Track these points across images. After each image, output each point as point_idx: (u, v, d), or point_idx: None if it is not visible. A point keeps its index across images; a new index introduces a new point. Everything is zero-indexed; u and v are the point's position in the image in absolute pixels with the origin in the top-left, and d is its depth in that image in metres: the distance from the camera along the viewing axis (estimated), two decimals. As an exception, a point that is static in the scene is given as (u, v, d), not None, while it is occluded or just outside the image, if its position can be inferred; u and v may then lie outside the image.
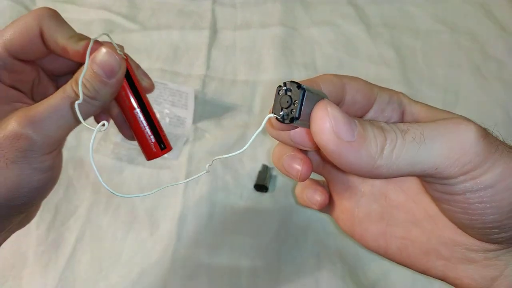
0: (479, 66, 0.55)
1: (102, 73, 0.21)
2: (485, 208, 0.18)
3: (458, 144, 0.17)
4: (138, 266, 0.37)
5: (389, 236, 0.23)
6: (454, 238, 0.21)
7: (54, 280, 0.36)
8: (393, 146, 0.16)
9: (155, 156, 0.26)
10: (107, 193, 0.42)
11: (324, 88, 0.20)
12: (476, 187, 0.17)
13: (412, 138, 0.17)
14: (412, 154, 0.16)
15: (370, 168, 0.16)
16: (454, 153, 0.17)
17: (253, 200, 0.42)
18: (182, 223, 0.40)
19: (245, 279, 0.36)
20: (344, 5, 0.63)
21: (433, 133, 0.17)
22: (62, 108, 0.21)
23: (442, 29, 0.60)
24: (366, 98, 0.21)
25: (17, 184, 0.21)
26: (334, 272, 0.36)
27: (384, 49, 0.57)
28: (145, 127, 0.26)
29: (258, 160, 0.45)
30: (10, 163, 0.21)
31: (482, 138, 0.17)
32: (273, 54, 0.55)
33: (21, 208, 0.23)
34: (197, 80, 0.53)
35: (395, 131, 0.17)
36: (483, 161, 0.17)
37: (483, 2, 0.63)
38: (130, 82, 0.25)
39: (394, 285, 0.36)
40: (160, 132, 0.27)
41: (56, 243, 0.38)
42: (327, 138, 0.16)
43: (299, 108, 0.16)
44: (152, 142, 0.26)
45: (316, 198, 0.23)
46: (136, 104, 0.26)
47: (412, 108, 0.21)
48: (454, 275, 0.21)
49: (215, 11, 0.62)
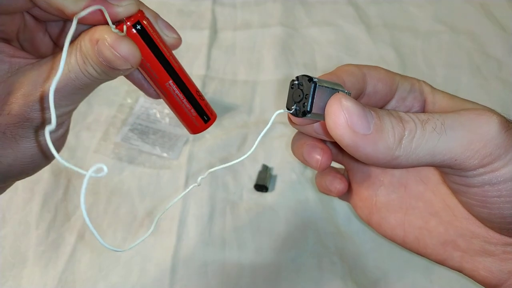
0: (479, 66, 0.55)
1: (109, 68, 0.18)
2: (504, 202, 0.17)
3: (479, 135, 0.16)
4: (138, 266, 0.37)
5: (407, 225, 0.23)
6: (472, 230, 0.21)
7: (54, 280, 0.36)
8: (412, 136, 0.16)
9: (200, 131, 0.23)
10: (107, 194, 0.42)
11: (348, 80, 0.19)
12: (495, 180, 0.17)
13: (433, 128, 0.16)
14: (432, 144, 0.16)
15: (389, 159, 0.16)
16: (475, 144, 0.16)
17: (253, 200, 0.42)
18: (182, 223, 0.40)
19: (245, 279, 0.36)
20: (344, 5, 0.63)
21: (455, 123, 0.17)
22: (67, 87, 0.18)
23: (442, 29, 0.60)
24: (388, 87, 0.21)
25: (30, 157, 0.20)
26: (334, 272, 0.36)
27: (384, 49, 0.57)
28: (183, 100, 0.22)
29: (258, 160, 0.45)
30: (21, 138, 0.20)
31: (504, 130, 0.17)
32: (273, 54, 0.55)
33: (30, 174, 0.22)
34: (197, 80, 0.53)
35: (415, 121, 0.17)
36: (504, 154, 0.16)
37: (483, 2, 0.63)
38: (154, 49, 0.20)
39: (394, 285, 0.36)
40: (200, 103, 0.22)
41: (56, 243, 0.38)
42: (342, 132, 0.16)
43: (310, 102, 0.16)
44: (193, 116, 0.22)
45: (335, 185, 0.23)
46: (167, 75, 0.21)
47: (435, 97, 0.21)
48: (471, 267, 0.21)
49: (215, 11, 0.62)
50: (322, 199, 0.42)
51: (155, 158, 0.45)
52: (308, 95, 0.16)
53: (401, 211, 0.23)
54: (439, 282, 0.36)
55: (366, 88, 0.20)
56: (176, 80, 0.21)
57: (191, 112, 0.22)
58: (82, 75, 0.18)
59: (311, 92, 0.16)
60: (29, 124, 0.19)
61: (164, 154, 0.45)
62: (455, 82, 0.53)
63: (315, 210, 0.41)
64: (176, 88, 0.21)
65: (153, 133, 0.47)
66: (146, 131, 0.47)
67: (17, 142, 0.20)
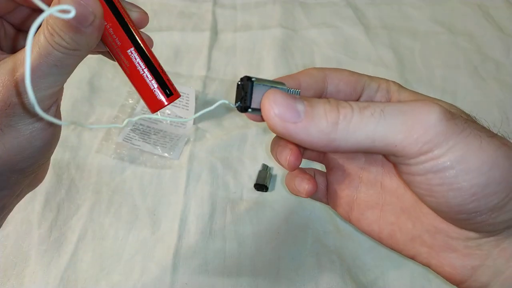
0: (477, 66, 0.56)
1: (75, 22, 0.17)
2: (448, 190, 0.18)
3: (419, 122, 0.17)
4: (139, 265, 0.38)
5: (382, 221, 0.24)
6: (436, 225, 0.21)
7: (56, 279, 0.36)
8: (349, 120, 0.17)
9: (160, 106, 0.22)
10: (109, 193, 0.43)
11: (303, 81, 0.21)
12: (436, 168, 0.17)
13: (371, 113, 0.17)
14: (370, 129, 0.17)
15: (326, 142, 0.17)
16: (415, 131, 0.17)
17: (253, 200, 0.42)
18: (183, 222, 0.40)
19: (246, 277, 0.37)
20: (343, 7, 0.64)
21: (396, 111, 0.17)
22: (43, 67, 0.18)
23: (440, 30, 0.60)
24: (350, 87, 0.22)
25: (18, 147, 0.20)
26: (333, 271, 0.36)
27: (383, 50, 0.58)
28: (144, 70, 0.21)
29: (258, 159, 0.45)
30: (5, 127, 0.20)
31: (445, 119, 0.17)
32: (272, 55, 0.56)
33: (27, 171, 0.22)
34: (198, 81, 0.53)
35: (353, 107, 0.17)
36: (444, 142, 0.17)
37: (480, 4, 0.64)
38: (117, 15, 0.20)
39: (392, 283, 0.37)
40: (163, 76, 0.22)
41: (58, 242, 0.39)
42: (273, 122, 0.17)
43: (249, 98, 0.18)
44: (155, 87, 0.21)
45: (303, 186, 0.24)
46: (128, 41, 0.21)
47: (400, 94, 0.22)
48: (437, 263, 0.22)
49: (216, 13, 0.62)
50: (322, 199, 0.42)
51: (156, 158, 0.45)
52: (247, 92, 0.19)
53: (378, 207, 0.24)
54: (437, 281, 0.36)
55: (328, 88, 0.22)
56: (138, 48, 0.21)
57: (152, 83, 0.21)
58: (52, 49, 0.18)
59: (249, 90, 0.19)
60: (11, 112, 0.19)
61: (165, 154, 0.45)
62: (453, 83, 0.54)
63: (314, 209, 0.41)
64: (137, 56, 0.21)
65: (155, 133, 0.47)
66: (148, 131, 0.47)
67: (3, 132, 0.20)
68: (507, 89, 0.53)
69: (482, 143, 0.17)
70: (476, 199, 0.17)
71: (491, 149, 0.17)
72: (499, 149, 0.17)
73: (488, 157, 0.17)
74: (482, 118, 0.22)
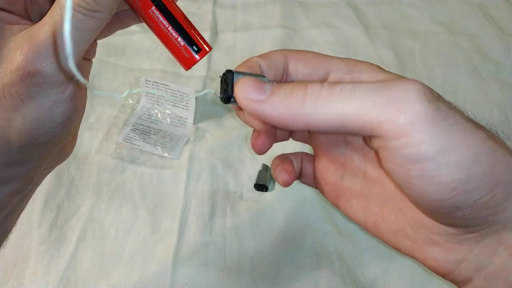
0: (477, 66, 0.56)
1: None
2: (427, 185, 0.17)
3: (395, 99, 0.16)
4: (139, 265, 0.38)
5: (366, 211, 0.23)
6: (417, 218, 0.20)
7: (56, 279, 0.37)
8: (317, 95, 0.17)
9: (191, 63, 0.21)
10: (109, 193, 0.43)
11: (262, 64, 0.22)
12: (416, 158, 0.16)
13: (340, 89, 0.17)
14: (339, 106, 0.16)
15: (293, 117, 0.17)
16: (390, 108, 0.16)
17: (253, 200, 0.42)
18: (183, 222, 0.40)
19: (245, 277, 0.37)
20: (343, 7, 0.64)
21: (368, 87, 0.16)
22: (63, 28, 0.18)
23: (440, 30, 0.60)
24: (311, 69, 0.22)
25: (37, 121, 0.20)
26: (333, 271, 0.36)
27: (383, 50, 0.58)
28: (168, 29, 0.21)
29: (258, 159, 0.45)
30: (26, 98, 0.19)
31: (427, 100, 0.16)
32: (273, 55, 0.56)
33: (48, 145, 0.22)
34: (198, 81, 0.53)
35: (322, 84, 0.17)
36: (424, 126, 0.15)
37: (480, 4, 0.64)
38: None
39: (392, 283, 0.37)
40: (188, 31, 0.21)
41: (58, 242, 0.39)
42: (243, 102, 0.18)
43: (230, 88, 0.19)
44: (181, 45, 0.21)
45: (281, 176, 0.25)
46: (148, 1, 0.20)
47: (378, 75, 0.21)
48: (421, 256, 0.21)
49: (216, 13, 0.62)
50: (321, 199, 0.42)
51: (156, 158, 0.45)
52: (228, 84, 0.19)
53: (362, 196, 0.23)
54: (437, 281, 0.36)
55: (288, 69, 0.22)
56: (159, 6, 0.21)
57: (178, 41, 0.21)
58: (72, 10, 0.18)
59: (230, 81, 0.19)
60: (30, 81, 0.19)
61: (165, 154, 0.45)
62: (453, 83, 0.54)
63: (314, 209, 0.41)
64: (160, 15, 0.21)
65: (155, 133, 0.47)
66: (148, 131, 0.47)
67: (23, 103, 0.19)
68: (507, 89, 0.53)
69: (466, 135, 0.16)
70: (456, 194, 0.16)
71: (475, 143, 0.16)
72: (484, 143, 0.16)
73: (472, 151, 0.16)
74: (483, 119, 0.21)
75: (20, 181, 0.23)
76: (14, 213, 0.25)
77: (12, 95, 0.19)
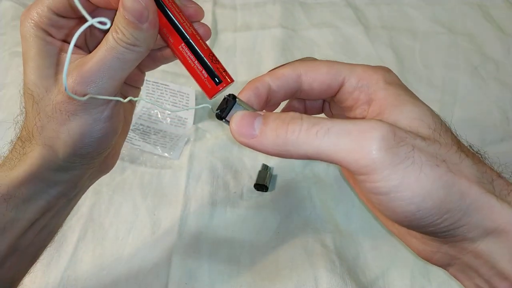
0: (477, 66, 0.56)
1: (133, 18, 0.21)
2: (385, 210, 0.20)
3: (358, 146, 0.19)
4: (139, 265, 0.38)
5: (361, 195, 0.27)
6: None
7: (56, 279, 0.37)
8: (296, 136, 0.20)
9: (213, 93, 0.25)
10: (109, 193, 0.43)
11: (273, 84, 0.24)
12: (374, 191, 0.19)
13: (315, 132, 0.20)
14: (315, 144, 0.20)
15: (279, 152, 0.21)
16: (354, 153, 0.19)
17: (253, 200, 0.42)
18: (183, 222, 0.40)
19: (245, 277, 0.37)
20: (343, 7, 0.64)
21: (342, 131, 0.19)
22: (108, 60, 0.22)
23: (440, 30, 0.60)
24: (325, 85, 0.24)
25: (81, 134, 0.24)
26: (333, 271, 0.36)
27: (383, 50, 0.58)
28: (194, 62, 0.24)
29: (258, 159, 0.45)
30: (72, 115, 0.23)
31: (385, 148, 0.19)
32: (272, 55, 0.56)
33: (88, 156, 0.25)
34: (197, 81, 0.53)
35: (301, 125, 0.20)
36: (380, 169, 0.18)
37: (480, 3, 0.64)
38: (167, 16, 0.23)
39: (393, 283, 0.37)
40: (212, 65, 0.24)
41: (58, 242, 0.39)
42: (236, 138, 0.22)
43: (227, 112, 0.23)
44: (205, 77, 0.24)
45: None
46: (179, 39, 0.23)
47: (380, 92, 0.23)
48: (405, 242, 0.25)
49: (216, 13, 0.62)
50: (322, 199, 0.42)
51: (156, 158, 0.45)
52: (227, 107, 0.23)
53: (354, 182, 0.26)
54: (437, 281, 0.36)
55: (302, 86, 0.25)
56: (188, 43, 0.24)
57: (202, 73, 0.24)
58: (115, 43, 0.22)
59: (230, 106, 0.23)
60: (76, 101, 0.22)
61: (165, 154, 0.45)
62: (453, 83, 0.54)
63: (315, 209, 0.41)
64: (188, 50, 0.24)
65: (155, 133, 0.47)
66: (148, 131, 0.47)
67: (69, 119, 0.23)
68: (507, 89, 0.53)
69: (420, 175, 0.18)
70: (409, 220, 0.19)
71: (428, 181, 0.18)
72: (437, 180, 0.19)
73: (422, 189, 0.18)
74: (481, 119, 0.22)
75: (65, 185, 0.26)
76: (60, 216, 0.29)
77: (61, 111, 0.23)
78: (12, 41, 0.59)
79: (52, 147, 0.24)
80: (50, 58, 0.23)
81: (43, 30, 0.23)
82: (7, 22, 0.61)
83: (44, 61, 0.23)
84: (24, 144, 0.25)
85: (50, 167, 0.25)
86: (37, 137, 0.24)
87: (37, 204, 0.26)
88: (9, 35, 0.60)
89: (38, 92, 0.23)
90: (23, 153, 0.25)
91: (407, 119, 0.21)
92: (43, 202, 0.26)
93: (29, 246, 0.27)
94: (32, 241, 0.27)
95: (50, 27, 0.23)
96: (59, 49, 0.24)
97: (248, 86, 0.24)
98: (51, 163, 0.24)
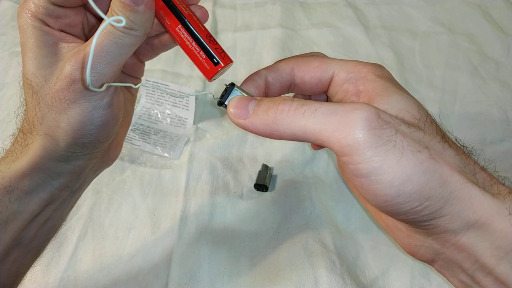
0: (477, 66, 0.56)
1: (129, 1, 0.21)
2: (366, 193, 0.20)
3: (342, 126, 0.19)
4: (139, 265, 0.38)
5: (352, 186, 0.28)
6: None
7: (56, 279, 0.37)
8: (284, 116, 0.21)
9: (211, 73, 0.24)
10: (109, 193, 0.43)
11: (269, 76, 0.25)
12: (356, 172, 0.20)
13: (304, 111, 0.20)
14: (301, 123, 0.20)
15: (269, 131, 0.22)
16: (338, 133, 0.19)
17: (253, 200, 0.42)
18: (183, 222, 0.40)
19: (245, 277, 0.37)
20: (343, 7, 0.64)
21: (328, 111, 0.20)
22: (106, 45, 0.22)
23: (440, 30, 0.60)
24: (316, 79, 0.25)
25: (81, 122, 0.23)
26: (333, 271, 0.36)
27: (383, 50, 0.58)
28: (192, 44, 0.24)
29: (258, 159, 0.45)
30: (71, 103, 0.23)
31: (368, 129, 0.19)
32: (272, 55, 0.56)
33: (89, 145, 0.25)
34: (198, 81, 0.53)
35: (290, 106, 0.21)
36: (362, 150, 0.19)
37: (480, 4, 0.64)
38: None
39: (392, 283, 0.37)
40: (210, 46, 0.24)
41: (58, 242, 0.39)
42: (233, 119, 0.23)
43: (226, 97, 0.25)
44: (203, 58, 0.24)
45: None
46: (176, 21, 0.23)
47: (367, 84, 0.23)
48: (393, 236, 0.25)
49: (216, 13, 0.62)
50: (322, 199, 0.42)
51: (156, 158, 0.45)
52: (226, 94, 0.25)
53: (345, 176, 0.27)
54: (437, 281, 0.36)
55: (295, 80, 0.26)
56: (185, 25, 0.24)
57: (200, 54, 0.24)
58: (112, 28, 0.22)
59: (229, 92, 0.25)
60: (75, 87, 0.23)
61: (165, 154, 0.45)
62: (453, 83, 0.54)
63: (315, 209, 0.41)
64: (185, 32, 0.24)
65: (155, 133, 0.47)
66: (148, 131, 0.47)
67: (69, 106, 0.23)
68: (507, 89, 0.53)
69: (401, 159, 0.19)
70: (389, 205, 0.20)
71: (409, 165, 0.19)
72: (418, 165, 0.19)
73: (402, 173, 0.19)
74: (482, 119, 0.22)
75: (68, 176, 0.26)
76: (63, 208, 0.28)
77: (61, 99, 0.23)
78: (12, 41, 0.59)
79: (53, 136, 0.24)
80: (47, 47, 0.23)
81: (40, 20, 0.23)
82: (7, 22, 0.62)
83: (41, 50, 0.23)
84: (26, 136, 0.25)
85: (52, 157, 0.25)
86: (38, 127, 0.24)
87: (40, 196, 0.25)
88: (9, 35, 0.60)
89: (37, 81, 0.23)
90: (24, 144, 0.25)
91: (394, 109, 0.21)
92: (46, 194, 0.26)
93: (33, 239, 0.27)
94: (36, 234, 0.27)
95: (47, 17, 0.23)
96: (57, 39, 0.24)
97: (247, 79, 0.25)
98: (52, 153, 0.24)
